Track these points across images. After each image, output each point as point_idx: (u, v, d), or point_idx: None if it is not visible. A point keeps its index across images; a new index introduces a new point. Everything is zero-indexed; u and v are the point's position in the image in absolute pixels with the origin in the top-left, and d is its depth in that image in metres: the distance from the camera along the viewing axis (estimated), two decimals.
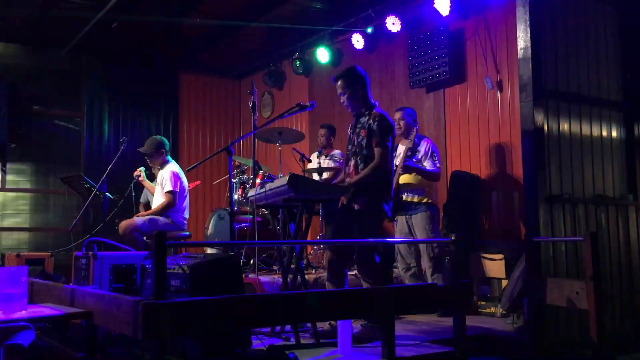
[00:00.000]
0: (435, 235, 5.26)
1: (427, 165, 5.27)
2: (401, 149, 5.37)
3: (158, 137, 6.13)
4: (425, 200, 5.29)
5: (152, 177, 6.20)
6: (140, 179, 6.05)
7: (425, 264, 5.25)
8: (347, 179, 4.15)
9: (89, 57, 8.67)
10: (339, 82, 4.21)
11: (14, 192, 8.25)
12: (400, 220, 5.41)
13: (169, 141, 6.18)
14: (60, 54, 8.39)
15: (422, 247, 5.27)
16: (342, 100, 4.25)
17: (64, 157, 8.60)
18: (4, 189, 8.17)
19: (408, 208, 5.31)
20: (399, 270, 5.55)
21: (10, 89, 7.94)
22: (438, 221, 5.33)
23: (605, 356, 3.60)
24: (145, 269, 3.61)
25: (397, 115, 5.47)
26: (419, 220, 5.25)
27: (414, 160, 5.31)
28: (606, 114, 5.00)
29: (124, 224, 5.62)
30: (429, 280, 5.15)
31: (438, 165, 5.30)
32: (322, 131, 6.81)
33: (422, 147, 5.34)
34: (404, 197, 5.31)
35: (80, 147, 8.71)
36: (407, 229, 5.35)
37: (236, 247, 5.89)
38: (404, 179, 5.32)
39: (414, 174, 5.31)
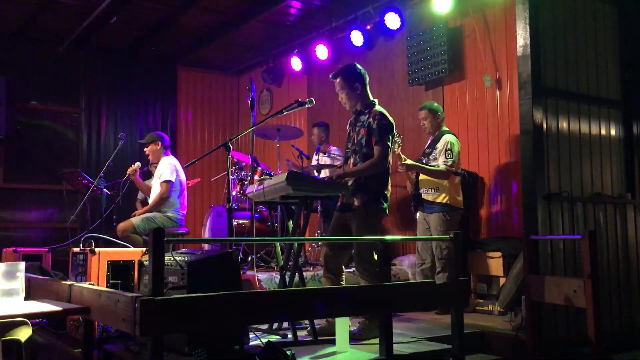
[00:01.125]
0: None
1: (440, 161, 5.20)
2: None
3: (159, 132, 6.17)
4: (440, 199, 5.16)
5: (148, 176, 6.17)
6: (132, 177, 5.95)
7: (436, 263, 5.20)
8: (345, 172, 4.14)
9: (87, 52, 8.64)
10: (337, 80, 4.16)
11: (12, 188, 8.23)
12: (420, 216, 5.36)
13: (167, 137, 6.18)
14: (58, 49, 8.37)
15: (433, 246, 5.22)
16: (340, 98, 4.22)
17: (62, 152, 8.59)
18: (1, 184, 8.15)
19: (425, 205, 5.26)
20: (407, 266, 5.54)
21: (7, 84, 7.91)
22: (453, 222, 5.14)
23: (602, 354, 3.61)
24: (143, 265, 3.61)
25: (422, 114, 5.40)
26: (432, 221, 5.19)
27: (430, 157, 5.28)
28: (605, 113, 5.00)
29: (121, 226, 5.60)
30: (436, 279, 5.12)
31: (449, 162, 5.15)
32: (315, 130, 6.82)
33: (440, 143, 5.25)
34: (422, 193, 5.28)
35: (78, 143, 8.69)
36: (427, 225, 5.30)
37: (234, 243, 5.88)
38: (422, 175, 5.29)
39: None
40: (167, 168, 5.77)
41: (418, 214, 5.38)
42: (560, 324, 4.35)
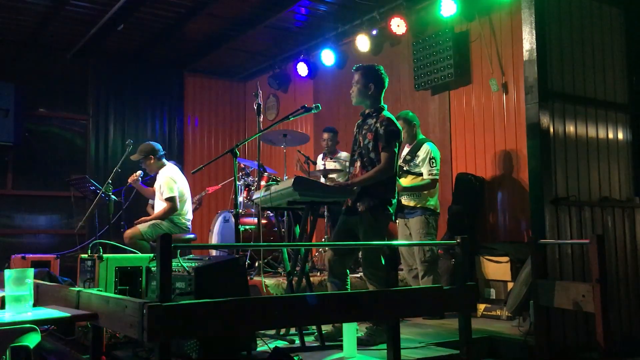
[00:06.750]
0: (430, 239, 5.23)
1: (424, 170, 5.23)
2: (404, 152, 5.39)
3: (149, 143, 6.03)
4: (421, 204, 5.25)
5: (154, 181, 6.17)
6: (135, 185, 5.90)
7: (418, 267, 5.24)
8: (352, 180, 4.14)
9: (95, 59, 8.70)
10: (357, 73, 4.22)
11: (20, 194, 8.28)
12: (401, 222, 5.41)
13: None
14: (66, 56, 8.43)
15: (415, 250, 5.26)
16: (351, 90, 4.25)
17: (70, 159, 8.64)
18: (10, 191, 8.20)
19: (406, 211, 5.31)
20: (404, 272, 5.55)
21: (16, 91, 7.97)
22: (434, 225, 5.28)
23: None
24: (150, 271, 3.62)
25: (401, 125, 5.40)
26: (414, 224, 5.26)
27: (412, 164, 5.30)
28: (612, 116, 4.98)
29: (128, 233, 5.60)
30: (420, 283, 5.15)
31: (434, 172, 5.21)
32: (327, 135, 6.80)
33: (422, 152, 5.28)
34: (403, 200, 5.31)
35: (86, 149, 8.75)
36: (407, 231, 5.35)
37: (241, 249, 5.89)
38: (402, 182, 5.30)
39: (412, 177, 5.29)
40: (167, 183, 5.73)
41: (398, 221, 5.41)
42: (569, 329, 4.33)
